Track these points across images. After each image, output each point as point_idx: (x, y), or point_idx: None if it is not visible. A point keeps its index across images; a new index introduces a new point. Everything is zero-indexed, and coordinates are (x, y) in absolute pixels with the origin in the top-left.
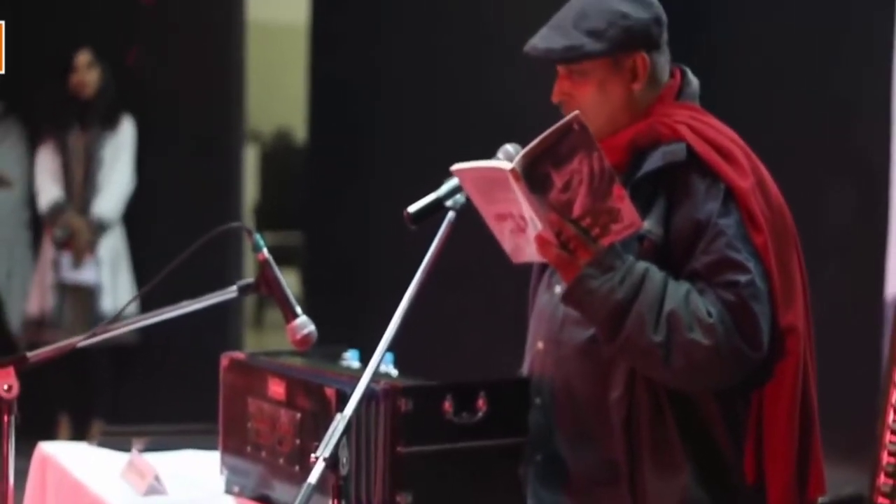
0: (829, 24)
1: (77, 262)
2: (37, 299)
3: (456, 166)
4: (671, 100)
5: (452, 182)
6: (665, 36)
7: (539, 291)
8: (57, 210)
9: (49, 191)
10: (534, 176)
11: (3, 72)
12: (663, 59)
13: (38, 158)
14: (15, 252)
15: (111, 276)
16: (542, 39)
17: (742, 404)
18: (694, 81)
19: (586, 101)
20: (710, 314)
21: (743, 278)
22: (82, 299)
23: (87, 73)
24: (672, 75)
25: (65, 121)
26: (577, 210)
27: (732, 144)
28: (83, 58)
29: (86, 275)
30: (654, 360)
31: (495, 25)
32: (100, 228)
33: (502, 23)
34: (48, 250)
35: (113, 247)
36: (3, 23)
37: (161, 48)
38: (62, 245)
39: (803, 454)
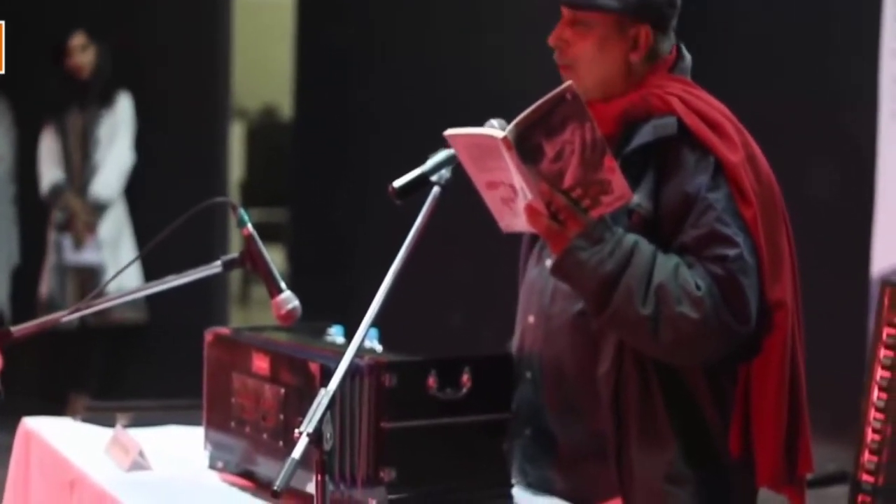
0: (819, 5)
1: (78, 244)
2: (47, 282)
3: (449, 131)
4: (664, 72)
5: (438, 157)
6: (674, 22)
7: (529, 265)
8: (56, 192)
9: (49, 173)
10: (525, 145)
11: (2, 72)
12: (667, 44)
13: (40, 142)
14: (0, 228)
15: (112, 254)
16: None
17: (730, 379)
18: (687, 56)
19: (582, 54)
20: (698, 287)
21: (731, 252)
22: (85, 279)
23: (82, 55)
24: (669, 52)
25: (64, 104)
26: (567, 181)
27: (723, 118)
28: (77, 40)
29: (87, 255)
30: (642, 332)
31: (483, 4)
32: (98, 208)
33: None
34: (52, 232)
35: (114, 225)
36: (2, 23)
37: (146, 25)
38: (63, 227)
39: (792, 429)
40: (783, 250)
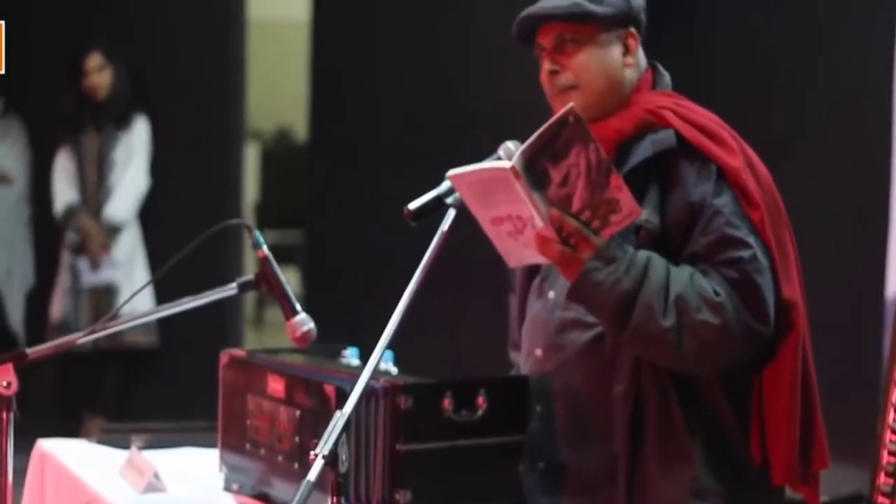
0: (831, 13)
1: (94, 266)
2: (59, 304)
3: (452, 172)
4: (648, 89)
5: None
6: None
7: (530, 300)
8: (70, 213)
9: (64, 194)
10: (533, 173)
11: (2, 72)
12: (642, 52)
13: (55, 162)
14: (14, 249)
15: (126, 275)
16: (543, 3)
17: (745, 383)
18: (666, 75)
19: (583, 68)
20: (716, 293)
21: (746, 254)
22: (99, 300)
23: (98, 75)
24: (645, 70)
25: (80, 125)
26: (576, 204)
27: (718, 127)
28: (94, 60)
29: (102, 275)
30: (665, 345)
31: (495, 25)
32: (112, 230)
33: (502, 22)
34: (66, 254)
35: (128, 246)
36: (2, 23)
37: (161, 46)
38: (77, 250)
39: (806, 426)
40: (789, 252)
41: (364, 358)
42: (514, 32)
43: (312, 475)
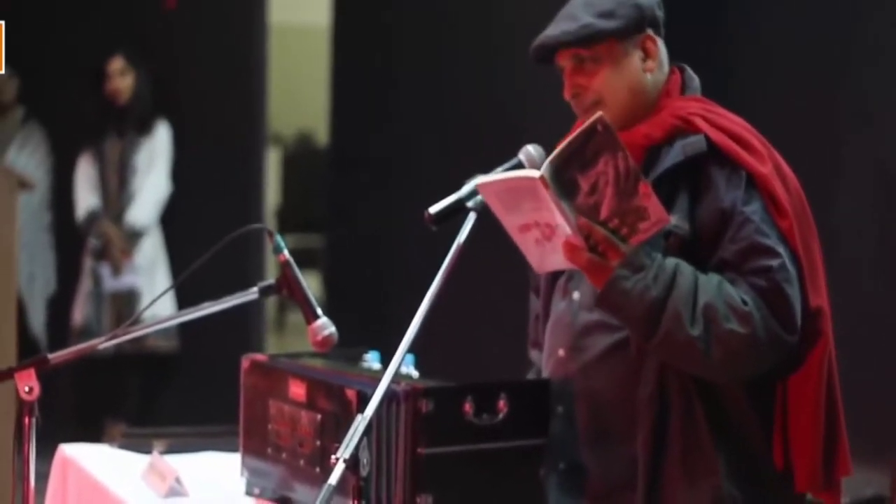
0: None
1: (115, 271)
2: (81, 309)
3: (478, 180)
4: (677, 94)
5: (474, 182)
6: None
7: (554, 299)
8: (92, 219)
9: (85, 199)
10: (561, 181)
11: (2, 71)
12: (664, 48)
13: (77, 168)
14: (36, 255)
15: (148, 280)
16: (554, 29)
17: (770, 390)
18: (695, 78)
19: (605, 85)
20: (744, 303)
21: (775, 263)
22: (121, 306)
23: (120, 79)
24: (671, 72)
25: (102, 130)
26: (604, 212)
27: (747, 132)
28: (116, 64)
29: (124, 282)
30: (693, 353)
31: (517, 29)
32: (133, 236)
33: (524, 26)
34: (88, 259)
35: (150, 251)
36: (2, 23)
37: (182, 51)
38: (99, 255)
39: (830, 434)
40: (817, 259)
41: (385, 362)
42: (531, 58)
43: (334, 479)
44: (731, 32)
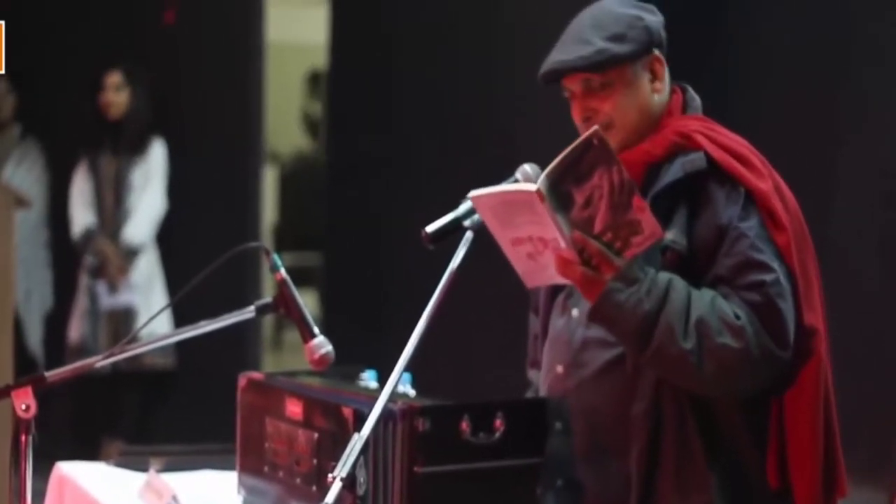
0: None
1: (112, 289)
2: (77, 327)
3: (473, 193)
4: (679, 113)
5: (470, 202)
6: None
7: (553, 316)
8: (88, 237)
9: (81, 217)
10: (556, 194)
11: (2, 71)
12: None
13: (73, 183)
14: (33, 272)
15: (145, 299)
16: (565, 53)
17: (764, 409)
18: (697, 98)
19: (617, 109)
20: (737, 317)
21: (768, 277)
22: (118, 324)
23: (115, 94)
24: (672, 91)
25: (97, 146)
26: (598, 226)
27: (747, 150)
28: (113, 79)
29: (121, 299)
30: (686, 367)
31: (517, 45)
32: (130, 254)
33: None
34: (84, 277)
35: (146, 269)
36: (2, 23)
37: (179, 68)
38: (95, 273)
39: (828, 455)
40: (812, 278)
41: (382, 380)
42: (540, 80)
43: (330, 498)
44: (730, 33)
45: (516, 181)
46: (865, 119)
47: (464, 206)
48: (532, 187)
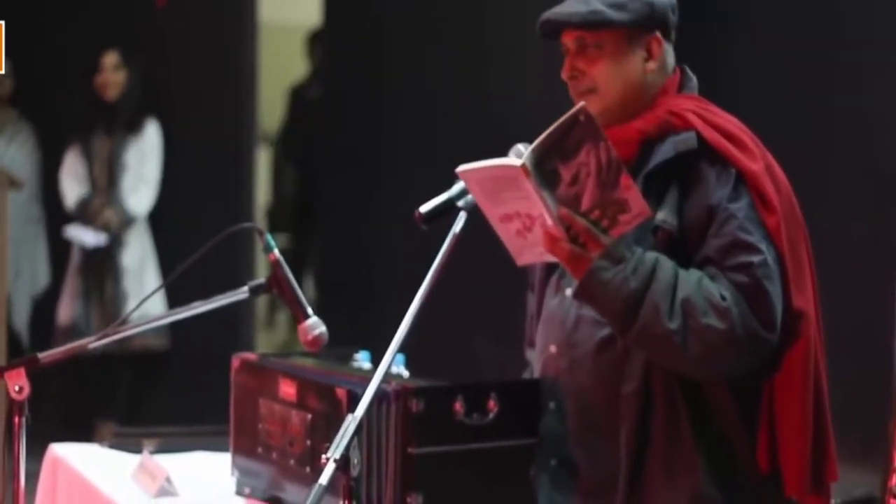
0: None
1: (98, 235)
2: (67, 308)
3: (461, 168)
4: (674, 92)
5: (463, 182)
6: (674, 34)
7: (547, 296)
8: (85, 203)
9: (73, 189)
10: (543, 171)
11: (2, 71)
12: (671, 52)
13: (64, 162)
14: (22, 249)
15: (137, 282)
16: (563, 7)
17: (754, 393)
18: (693, 78)
19: (602, 75)
20: (723, 298)
21: (756, 259)
22: (108, 306)
23: (112, 74)
24: (672, 71)
25: (89, 124)
26: (585, 203)
27: (739, 131)
28: (110, 59)
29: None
30: (670, 347)
31: (511, 30)
32: (129, 220)
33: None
34: (75, 257)
35: (138, 252)
36: (2, 23)
37: (172, 50)
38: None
39: (818, 439)
40: (804, 260)
41: (375, 361)
42: (538, 31)
43: (324, 479)
44: (723, 25)
45: None
46: (858, 108)
47: (457, 187)
48: (517, 162)
